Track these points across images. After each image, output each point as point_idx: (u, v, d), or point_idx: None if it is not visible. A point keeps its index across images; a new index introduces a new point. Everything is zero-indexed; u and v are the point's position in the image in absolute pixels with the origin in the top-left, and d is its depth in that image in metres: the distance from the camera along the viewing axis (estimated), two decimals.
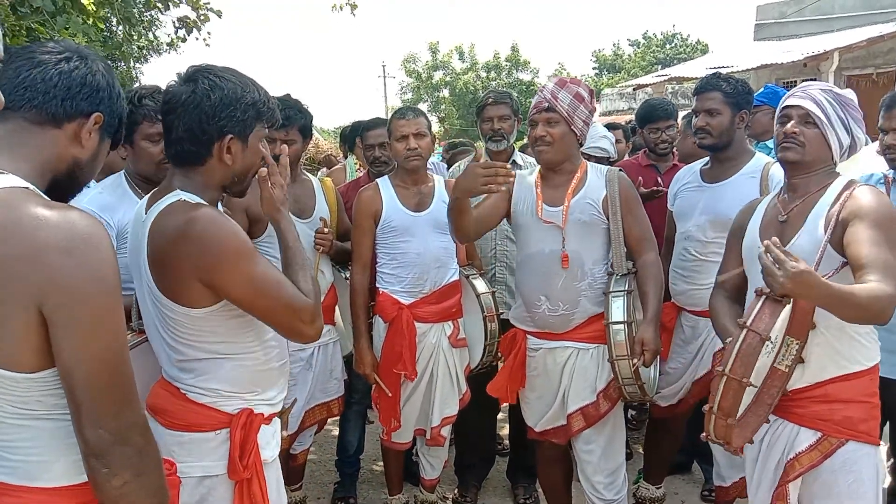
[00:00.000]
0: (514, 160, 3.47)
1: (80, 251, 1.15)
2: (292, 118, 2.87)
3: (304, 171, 3.18)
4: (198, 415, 1.70)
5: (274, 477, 1.78)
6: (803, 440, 1.99)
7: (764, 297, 1.78)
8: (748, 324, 1.76)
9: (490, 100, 3.45)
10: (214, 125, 1.64)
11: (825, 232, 1.95)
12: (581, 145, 2.79)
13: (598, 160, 3.41)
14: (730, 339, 1.88)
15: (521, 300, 2.86)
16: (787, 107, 2.10)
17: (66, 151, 1.31)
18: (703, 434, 1.93)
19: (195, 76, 1.66)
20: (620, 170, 2.81)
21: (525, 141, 4.83)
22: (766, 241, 1.75)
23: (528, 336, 2.82)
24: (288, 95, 3.00)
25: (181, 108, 1.64)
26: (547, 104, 2.65)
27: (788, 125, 2.08)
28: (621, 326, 2.56)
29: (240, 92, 1.66)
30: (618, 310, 2.58)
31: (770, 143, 3.71)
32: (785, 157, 2.09)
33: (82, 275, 1.14)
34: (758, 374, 1.93)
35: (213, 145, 1.66)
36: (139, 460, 1.21)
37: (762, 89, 3.90)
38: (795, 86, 3.95)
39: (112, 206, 2.32)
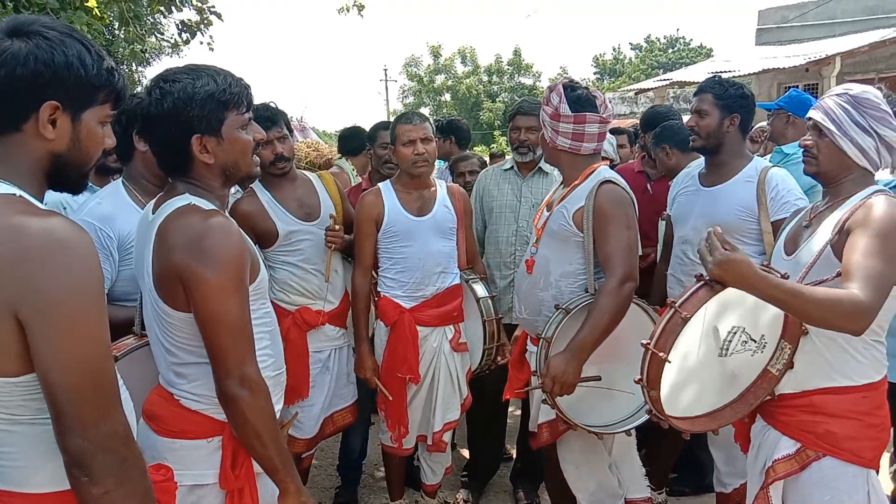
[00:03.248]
0: (539, 167, 3.50)
1: (56, 259, 1.13)
2: (275, 115, 2.91)
3: (301, 172, 3.15)
4: (190, 421, 1.69)
5: (269, 488, 1.73)
6: (782, 448, 1.98)
7: (702, 282, 1.80)
8: (677, 304, 1.80)
9: (521, 109, 3.44)
10: (178, 131, 1.61)
11: (829, 236, 1.92)
12: (573, 152, 2.58)
13: None
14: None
15: None
16: (808, 118, 2.07)
17: (39, 150, 1.26)
18: (648, 407, 1.97)
19: (151, 87, 1.64)
20: (606, 181, 2.55)
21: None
22: (710, 228, 1.79)
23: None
24: (263, 103, 2.95)
25: (149, 123, 1.65)
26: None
27: (803, 138, 2.07)
28: (543, 345, 2.45)
29: (191, 89, 1.60)
30: (550, 326, 2.48)
31: (786, 149, 3.68)
32: (805, 170, 2.07)
33: (57, 282, 1.13)
34: (749, 371, 1.97)
35: (189, 149, 1.63)
36: (121, 469, 1.19)
37: (788, 93, 3.84)
38: (797, 90, 3.96)
39: (112, 215, 2.30)
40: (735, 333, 1.92)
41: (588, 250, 2.53)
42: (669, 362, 1.80)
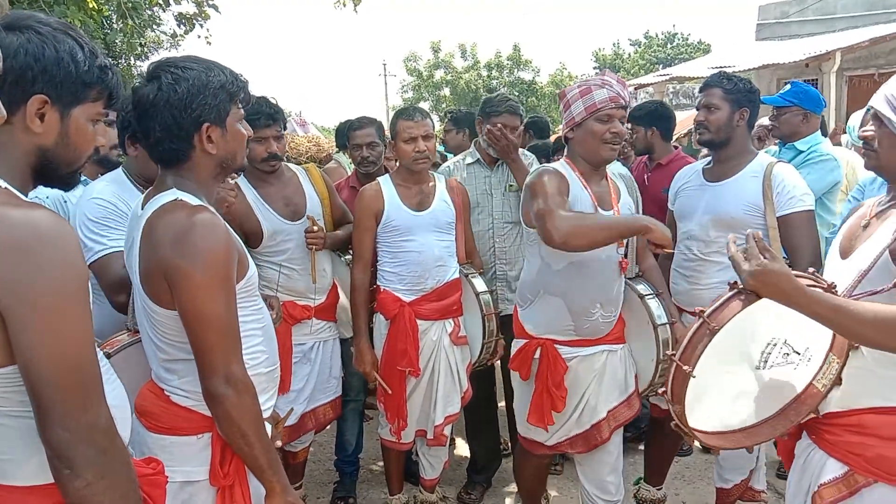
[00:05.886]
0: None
1: (37, 250, 1.12)
2: (277, 113, 2.89)
3: (288, 166, 3.10)
4: (180, 418, 1.68)
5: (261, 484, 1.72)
6: (829, 471, 1.72)
7: (735, 290, 1.64)
8: (706, 314, 1.63)
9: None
10: (189, 117, 1.60)
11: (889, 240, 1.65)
12: None
13: None
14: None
15: (559, 311, 2.64)
16: (868, 108, 1.80)
17: (27, 143, 1.26)
18: (674, 423, 1.75)
19: (157, 73, 1.62)
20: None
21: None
22: (749, 231, 1.65)
23: (560, 346, 2.66)
24: (265, 97, 2.92)
25: (152, 109, 1.61)
26: (625, 103, 2.53)
27: (862, 129, 1.83)
28: (667, 326, 2.62)
29: (205, 77, 1.61)
30: (659, 310, 2.64)
31: (799, 145, 3.60)
32: (865, 164, 1.84)
33: (37, 274, 1.12)
34: (791, 385, 1.79)
35: (194, 138, 1.63)
36: (102, 462, 1.19)
37: (788, 88, 3.71)
38: (799, 83, 3.89)
39: (119, 198, 2.30)
40: (775, 345, 1.73)
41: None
42: (694, 377, 1.63)
